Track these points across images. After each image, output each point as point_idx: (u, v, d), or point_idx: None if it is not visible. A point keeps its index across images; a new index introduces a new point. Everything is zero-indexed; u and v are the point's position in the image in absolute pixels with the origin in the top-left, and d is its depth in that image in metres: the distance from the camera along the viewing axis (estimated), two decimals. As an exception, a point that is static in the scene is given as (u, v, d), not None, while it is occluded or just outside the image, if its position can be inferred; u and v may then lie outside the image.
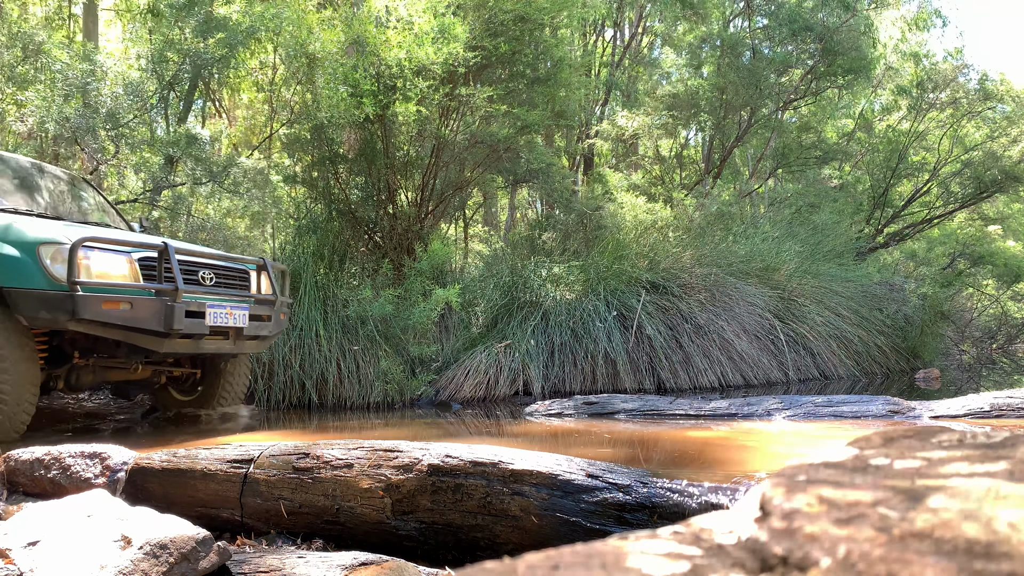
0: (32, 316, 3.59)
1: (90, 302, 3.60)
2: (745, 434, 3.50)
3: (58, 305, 3.56)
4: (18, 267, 3.58)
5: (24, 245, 3.62)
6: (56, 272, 3.57)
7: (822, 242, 9.78)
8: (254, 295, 4.62)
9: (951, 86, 13.24)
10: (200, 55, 7.25)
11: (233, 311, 4.33)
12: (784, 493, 0.55)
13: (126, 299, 3.74)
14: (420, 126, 7.75)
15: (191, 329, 3.97)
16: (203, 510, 2.47)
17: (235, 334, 4.39)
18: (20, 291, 3.57)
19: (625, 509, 1.87)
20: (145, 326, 3.80)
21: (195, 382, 5.17)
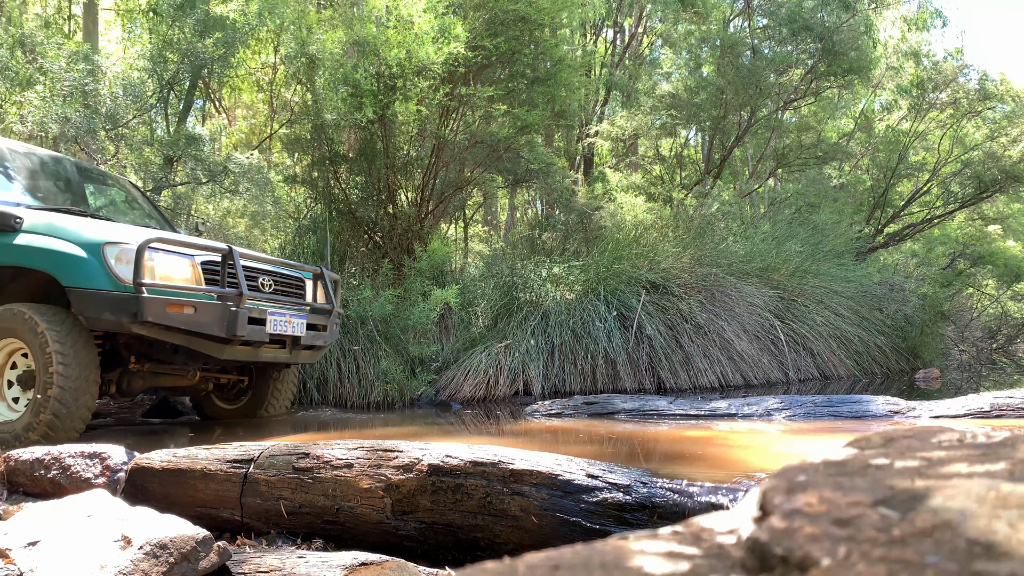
0: (95, 317, 3.50)
1: (155, 304, 3.51)
2: (745, 434, 3.50)
3: (122, 307, 3.47)
4: (82, 267, 3.50)
5: (89, 245, 3.54)
6: (120, 273, 3.49)
7: (822, 242, 9.78)
8: (311, 304, 4.51)
9: (951, 86, 13.24)
10: (198, 54, 7.25)
11: (292, 319, 4.23)
12: (784, 493, 0.55)
13: (190, 303, 3.65)
14: (420, 126, 7.75)
15: (252, 336, 3.86)
16: (203, 510, 2.47)
17: (291, 343, 4.29)
18: (83, 291, 3.49)
19: (625, 509, 1.87)
20: (207, 331, 3.70)
21: (241, 390, 5.04)
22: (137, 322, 3.48)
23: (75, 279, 3.50)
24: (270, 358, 4.21)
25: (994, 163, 12.96)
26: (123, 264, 3.50)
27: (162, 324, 3.55)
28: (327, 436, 3.94)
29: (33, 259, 3.61)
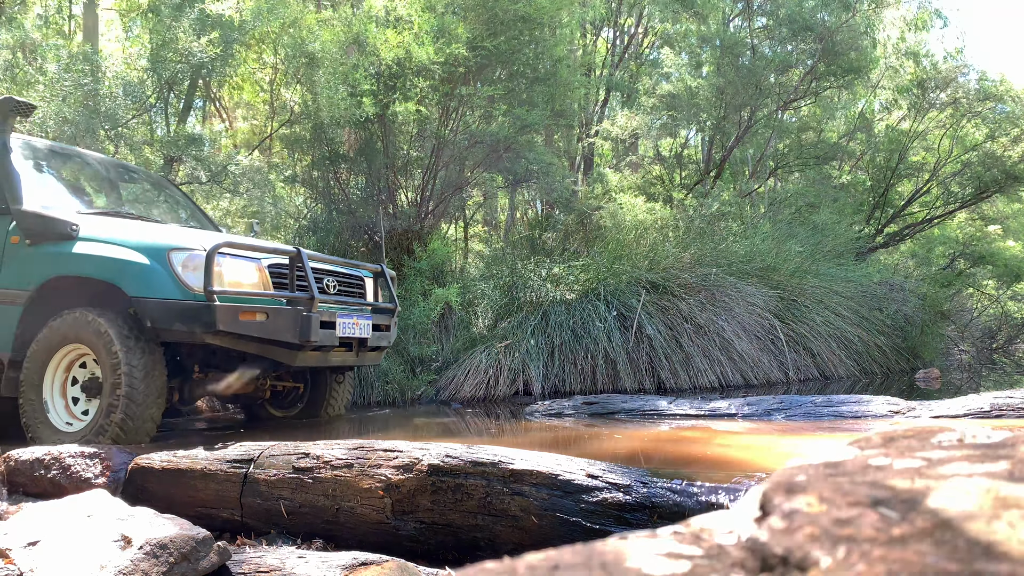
0: (165, 328, 3.31)
1: (227, 313, 3.33)
2: (745, 434, 3.50)
3: (194, 316, 3.29)
4: (148, 275, 3.33)
5: (153, 252, 3.37)
6: (189, 280, 3.32)
7: (822, 242, 9.78)
8: (373, 303, 4.36)
9: (951, 86, 13.24)
10: (197, 54, 7.25)
11: (359, 321, 4.05)
12: (784, 493, 0.55)
13: (262, 309, 3.47)
14: (420, 126, 7.75)
15: (324, 341, 3.69)
16: (203, 510, 2.47)
17: (358, 345, 4.12)
18: (152, 301, 3.31)
19: (625, 509, 1.87)
20: (280, 338, 3.52)
21: (296, 397, 4.88)
22: (210, 332, 3.31)
23: (141, 288, 3.33)
24: (338, 362, 4.05)
25: (994, 163, 12.96)
26: (191, 271, 3.34)
27: (235, 333, 3.38)
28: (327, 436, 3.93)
29: (94, 268, 3.45)
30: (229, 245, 3.47)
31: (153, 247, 3.40)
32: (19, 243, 3.67)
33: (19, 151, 3.96)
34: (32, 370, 3.47)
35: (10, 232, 3.72)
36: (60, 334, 3.46)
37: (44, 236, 3.60)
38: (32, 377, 3.47)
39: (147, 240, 3.47)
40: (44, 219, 3.62)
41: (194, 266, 3.35)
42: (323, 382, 4.73)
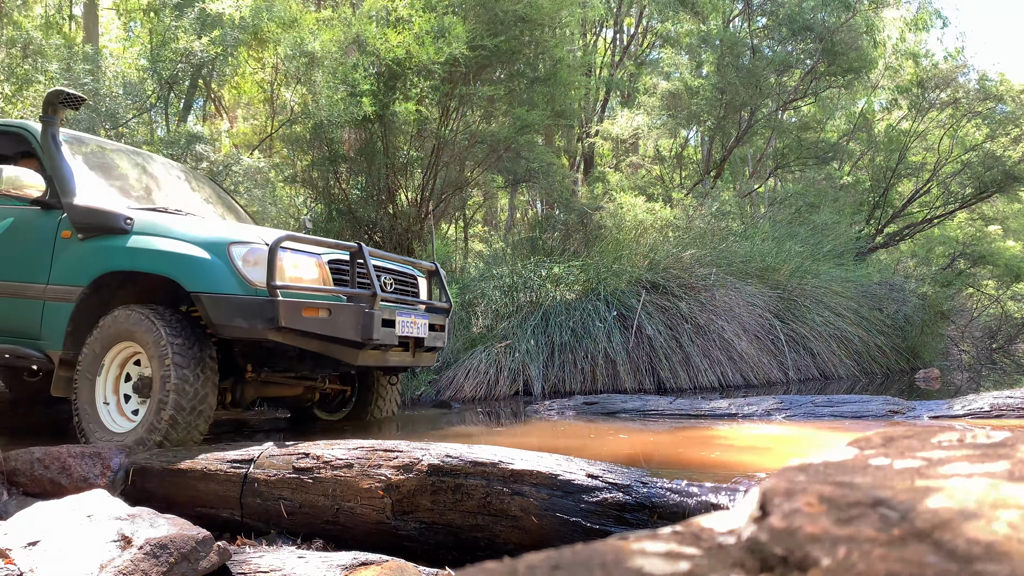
0: (225, 324, 3.19)
1: (291, 309, 3.20)
2: (745, 434, 3.50)
3: (257, 312, 3.17)
4: (208, 270, 3.21)
5: (213, 246, 3.26)
6: (250, 275, 3.21)
7: (822, 242, 9.79)
8: (427, 302, 4.23)
9: (951, 86, 13.25)
10: (196, 53, 7.26)
11: (417, 320, 3.92)
12: (784, 493, 0.55)
13: (324, 306, 3.35)
14: (420, 126, 7.75)
15: (385, 339, 3.55)
16: (203, 510, 2.47)
17: (414, 345, 3.99)
18: (212, 296, 3.19)
19: (625, 509, 1.87)
20: (342, 335, 3.39)
21: (343, 400, 4.77)
22: (273, 328, 3.18)
23: (200, 283, 3.21)
24: (396, 362, 3.90)
25: (994, 163, 12.97)
26: (251, 265, 3.23)
27: (297, 330, 3.25)
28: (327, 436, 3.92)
29: (150, 262, 3.33)
30: (291, 239, 3.35)
31: (212, 241, 3.29)
32: (70, 238, 3.54)
33: (67, 146, 3.85)
34: (85, 368, 3.37)
35: (61, 227, 3.60)
36: (113, 331, 3.35)
37: (97, 230, 3.48)
38: (85, 375, 3.37)
39: (205, 234, 3.35)
40: (97, 213, 3.49)
41: (255, 260, 3.24)
42: (370, 384, 4.63)
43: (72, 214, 3.53)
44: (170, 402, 3.12)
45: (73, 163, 3.76)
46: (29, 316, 3.58)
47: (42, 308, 3.56)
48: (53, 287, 3.56)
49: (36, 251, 3.62)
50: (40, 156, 3.75)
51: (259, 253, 3.26)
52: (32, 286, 3.60)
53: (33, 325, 3.58)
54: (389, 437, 3.16)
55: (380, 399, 4.64)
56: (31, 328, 3.59)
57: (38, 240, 3.63)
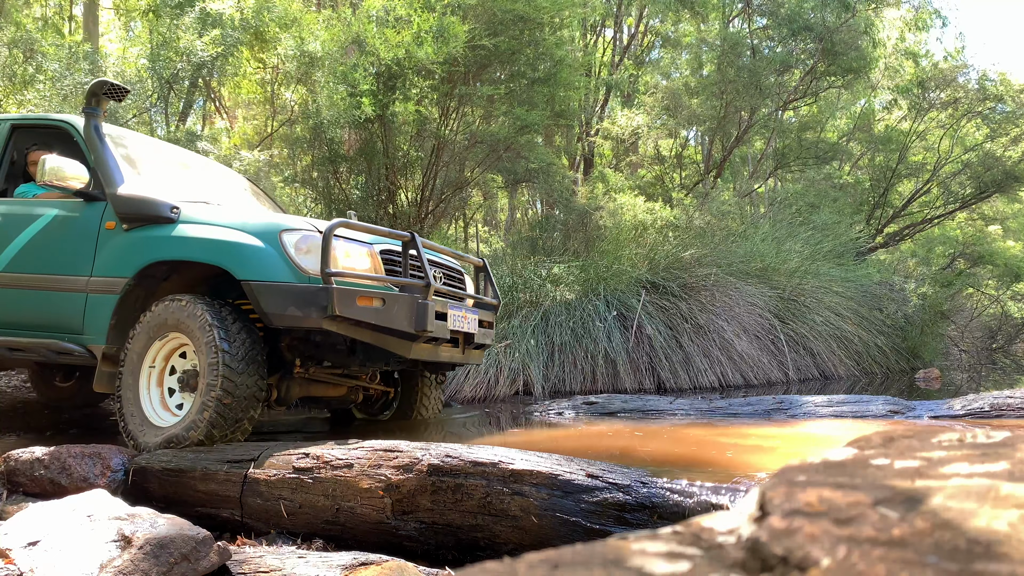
0: (278, 313, 3.09)
1: (346, 297, 3.10)
2: (745, 434, 3.50)
3: (311, 300, 3.07)
4: (259, 257, 3.13)
5: (265, 234, 3.19)
6: (303, 263, 3.13)
7: (822, 242, 9.79)
8: (476, 297, 4.11)
9: (951, 86, 13.25)
10: (197, 53, 7.26)
11: (467, 315, 3.79)
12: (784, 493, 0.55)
13: (378, 295, 3.24)
14: (420, 126, 7.75)
15: (437, 332, 3.44)
16: (203, 510, 2.47)
17: (464, 342, 3.86)
18: (264, 284, 3.10)
19: (625, 509, 1.87)
20: (396, 326, 3.27)
21: (385, 403, 4.64)
22: (327, 317, 3.08)
23: (252, 271, 3.12)
24: (446, 358, 3.77)
25: (994, 163, 12.97)
26: (304, 253, 3.15)
27: (352, 319, 3.14)
28: (327, 436, 3.91)
29: (199, 251, 3.24)
30: (344, 226, 3.24)
31: (263, 228, 3.22)
32: (115, 228, 3.46)
33: (108, 139, 3.78)
34: (130, 360, 3.28)
35: (104, 218, 3.51)
36: (160, 322, 3.25)
37: (143, 220, 3.39)
38: (129, 368, 3.27)
39: (255, 222, 3.28)
40: (143, 202, 3.41)
41: (307, 248, 3.16)
42: (415, 385, 4.52)
43: (117, 204, 3.44)
44: (217, 396, 3.02)
45: (116, 155, 3.68)
46: (71, 310, 3.49)
47: (85, 301, 3.46)
48: (96, 279, 3.45)
49: (79, 243, 3.53)
50: (83, 149, 3.68)
51: (312, 240, 3.17)
52: (75, 279, 3.50)
53: (75, 319, 3.48)
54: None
55: (425, 399, 4.52)
56: (73, 322, 3.49)
57: (81, 232, 3.54)
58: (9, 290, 3.62)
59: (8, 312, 3.63)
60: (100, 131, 3.65)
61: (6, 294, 3.63)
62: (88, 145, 3.63)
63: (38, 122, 4.10)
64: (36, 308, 3.57)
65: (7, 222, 3.71)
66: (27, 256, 3.61)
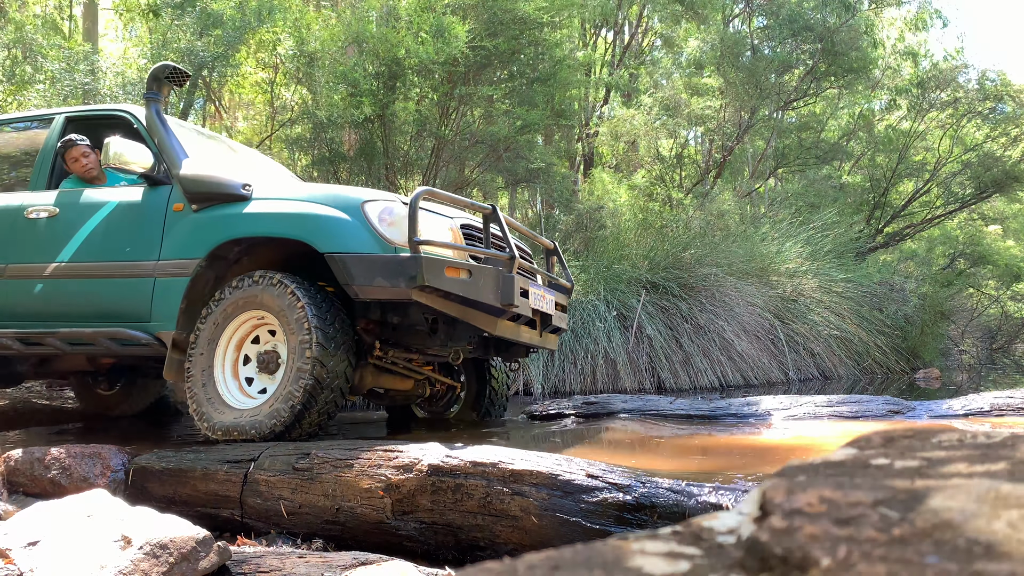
0: (365, 285, 2.95)
1: (435, 267, 2.96)
2: (745, 434, 3.50)
3: (400, 270, 2.94)
4: (343, 229, 3.02)
5: (347, 206, 3.08)
6: (388, 234, 3.02)
7: (822, 242, 9.79)
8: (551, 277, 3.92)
9: (951, 86, 13.25)
10: (198, 53, 7.25)
11: (545, 295, 3.61)
12: (784, 493, 0.55)
13: (465, 266, 3.09)
14: (420, 125, 7.75)
15: (522, 308, 3.27)
16: (203, 510, 2.47)
17: (540, 324, 3.66)
18: (350, 256, 2.97)
19: (625, 509, 1.87)
20: (482, 299, 3.11)
21: (450, 399, 4.43)
22: (417, 287, 2.93)
23: (336, 244, 3.00)
24: (527, 339, 3.58)
25: (994, 163, 12.97)
26: (388, 224, 3.04)
27: (440, 290, 2.99)
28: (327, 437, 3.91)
29: (279, 226, 3.14)
30: (429, 194, 3.13)
31: (344, 200, 3.12)
32: (183, 210, 3.36)
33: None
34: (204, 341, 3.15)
35: (171, 200, 3.42)
36: (241, 301, 3.12)
37: (213, 199, 3.30)
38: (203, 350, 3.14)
39: (335, 194, 3.18)
40: (213, 181, 3.33)
41: (391, 220, 3.07)
42: (483, 377, 4.32)
43: (186, 185, 3.35)
44: (308, 378, 2.86)
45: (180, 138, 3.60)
46: (137, 296, 3.36)
47: (152, 286, 3.34)
48: (165, 263, 3.33)
49: (144, 227, 3.43)
50: (144, 136, 3.60)
51: (394, 211, 3.09)
52: (141, 264, 3.38)
53: (142, 305, 3.35)
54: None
55: (494, 394, 4.31)
56: (139, 309, 3.36)
57: (146, 216, 3.44)
58: (73, 280, 3.51)
59: (71, 303, 3.51)
60: (162, 115, 3.56)
61: (69, 285, 3.51)
62: (151, 130, 3.53)
63: (93, 114, 3.99)
64: (100, 297, 3.45)
65: (69, 213, 3.61)
66: (90, 245, 3.51)
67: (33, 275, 3.58)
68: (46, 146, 3.90)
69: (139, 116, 3.70)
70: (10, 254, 3.67)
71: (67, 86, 6.98)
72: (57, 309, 3.54)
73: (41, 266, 3.57)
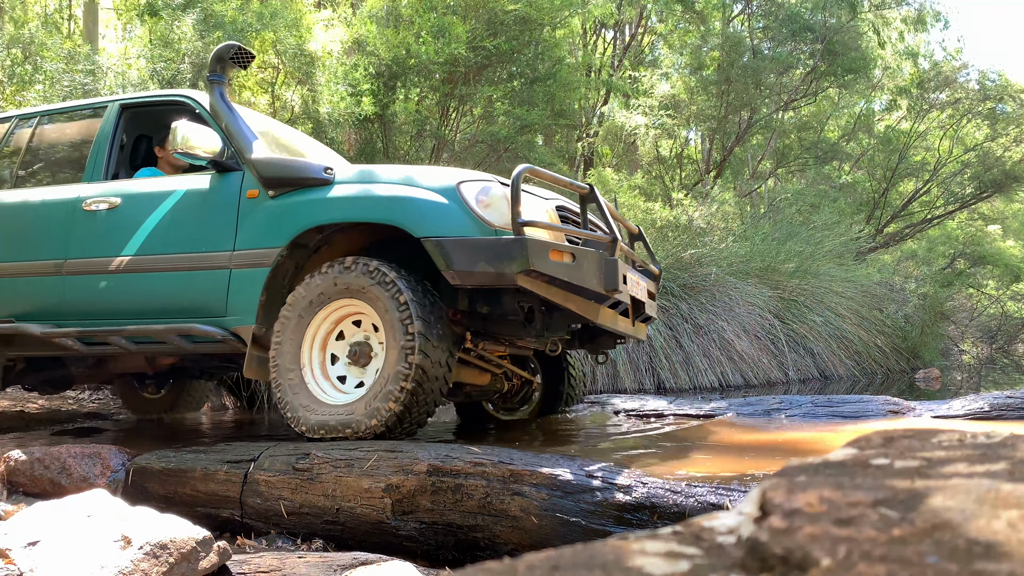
0: (467, 270, 2.73)
1: (540, 249, 2.74)
2: (745, 434, 3.50)
3: (504, 253, 2.71)
4: (441, 212, 2.82)
5: (441, 187, 2.88)
6: (486, 216, 2.82)
7: (822, 242, 9.79)
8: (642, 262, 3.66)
9: (951, 86, 13.25)
10: (199, 54, 7.26)
11: (639, 281, 3.38)
12: (784, 493, 0.55)
13: (568, 249, 2.86)
14: (420, 126, 7.75)
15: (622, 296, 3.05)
16: (203, 510, 2.47)
17: (633, 312, 3.41)
18: (450, 240, 2.76)
19: (625, 509, 1.87)
20: (586, 284, 2.88)
21: (524, 396, 4.15)
22: (523, 271, 2.71)
23: (433, 227, 2.79)
24: (622, 329, 3.37)
25: (994, 163, 12.98)
26: (486, 206, 2.85)
27: (547, 275, 2.77)
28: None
29: (368, 210, 2.96)
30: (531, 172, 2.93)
31: (438, 181, 2.93)
32: (258, 197, 3.16)
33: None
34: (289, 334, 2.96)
35: (244, 187, 3.22)
36: (332, 288, 2.92)
37: (293, 184, 3.10)
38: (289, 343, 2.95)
39: (426, 175, 2.99)
40: (293, 165, 3.16)
41: (489, 200, 2.88)
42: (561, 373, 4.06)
43: (262, 170, 3.15)
44: (412, 371, 2.66)
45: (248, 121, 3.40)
46: (212, 289, 3.15)
47: (228, 278, 3.13)
48: (242, 253, 3.12)
49: (216, 217, 3.21)
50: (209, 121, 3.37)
51: (492, 191, 2.90)
52: (214, 255, 3.16)
53: (217, 299, 3.14)
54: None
55: (572, 390, 4.05)
56: (214, 303, 3.15)
57: (218, 204, 3.23)
58: (139, 275, 3.30)
59: (138, 299, 3.31)
60: (227, 98, 3.35)
61: (136, 280, 3.31)
62: (216, 114, 3.31)
63: (152, 100, 3.76)
64: (170, 291, 3.25)
65: (133, 205, 3.39)
66: (157, 237, 3.30)
67: (96, 270, 3.38)
68: (101, 135, 3.67)
69: (201, 101, 3.47)
70: (68, 249, 3.45)
71: (66, 86, 6.98)
72: (123, 306, 3.33)
73: (104, 260, 3.36)
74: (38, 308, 3.52)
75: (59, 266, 3.46)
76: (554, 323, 3.15)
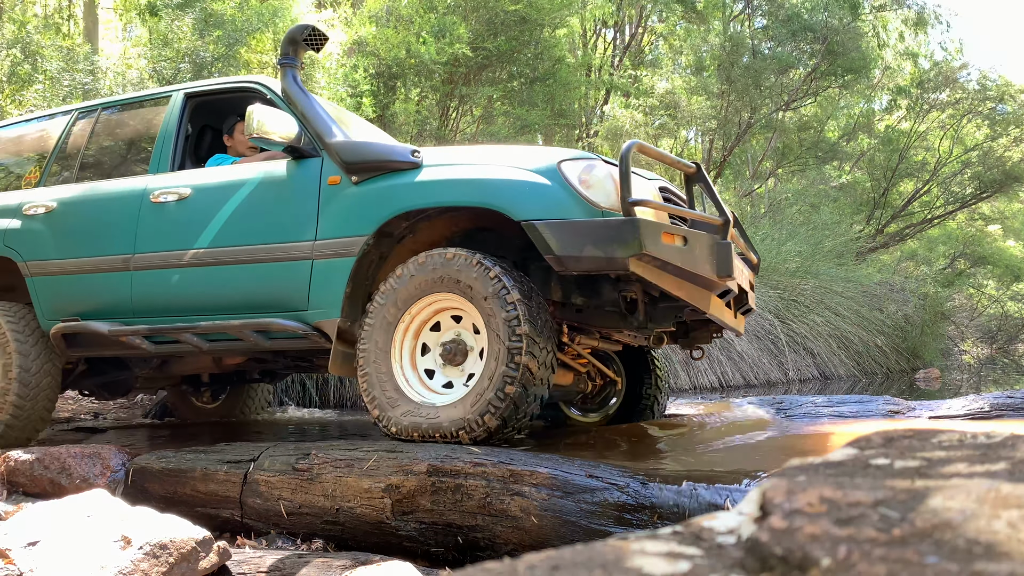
0: (574, 255, 2.52)
1: (653, 231, 2.50)
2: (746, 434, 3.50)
3: (615, 235, 2.48)
4: (543, 194, 2.62)
5: (541, 167, 2.68)
6: (590, 196, 2.59)
7: (822, 242, 9.79)
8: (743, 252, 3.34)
9: (951, 86, 13.26)
10: (199, 53, 7.26)
11: (743, 268, 3.12)
12: (784, 493, 0.55)
13: (680, 231, 2.63)
14: (420, 126, 7.75)
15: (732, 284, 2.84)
16: (203, 510, 2.47)
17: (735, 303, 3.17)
18: (555, 223, 2.55)
19: (625, 509, 1.87)
20: (698, 270, 2.65)
21: (607, 396, 3.80)
22: (635, 255, 2.47)
23: (535, 210, 2.58)
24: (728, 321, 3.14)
25: (994, 163, 12.98)
26: (589, 186, 2.62)
27: (659, 259, 2.53)
28: (327, 437, 3.90)
29: (464, 193, 2.76)
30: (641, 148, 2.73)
31: (537, 160, 2.73)
32: (340, 183, 2.98)
33: None
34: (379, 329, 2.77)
35: (324, 173, 3.04)
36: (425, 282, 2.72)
37: (378, 169, 2.92)
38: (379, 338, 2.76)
39: (524, 154, 2.82)
40: (378, 148, 2.99)
41: (593, 180, 2.64)
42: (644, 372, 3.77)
43: (344, 154, 2.97)
44: (517, 373, 2.46)
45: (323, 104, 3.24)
46: (292, 282, 2.98)
47: (310, 269, 2.95)
48: (324, 242, 2.94)
49: (295, 205, 3.05)
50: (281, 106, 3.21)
51: (596, 169, 2.67)
52: (295, 245, 2.98)
53: (298, 292, 2.97)
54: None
55: (659, 392, 3.74)
56: (295, 296, 2.98)
57: (296, 192, 3.07)
58: (213, 268, 3.13)
59: (212, 294, 3.14)
60: (299, 82, 3.20)
61: (209, 273, 3.14)
62: (290, 99, 3.14)
63: (219, 88, 3.57)
64: (246, 285, 3.08)
65: (204, 196, 3.23)
66: (232, 228, 3.13)
67: (166, 264, 3.22)
68: (166, 125, 3.51)
69: (272, 87, 3.31)
70: (136, 243, 3.29)
71: (66, 86, 6.98)
72: (195, 301, 3.17)
73: (175, 254, 3.19)
74: (104, 305, 3.35)
75: (126, 261, 3.29)
76: (659, 314, 2.91)
